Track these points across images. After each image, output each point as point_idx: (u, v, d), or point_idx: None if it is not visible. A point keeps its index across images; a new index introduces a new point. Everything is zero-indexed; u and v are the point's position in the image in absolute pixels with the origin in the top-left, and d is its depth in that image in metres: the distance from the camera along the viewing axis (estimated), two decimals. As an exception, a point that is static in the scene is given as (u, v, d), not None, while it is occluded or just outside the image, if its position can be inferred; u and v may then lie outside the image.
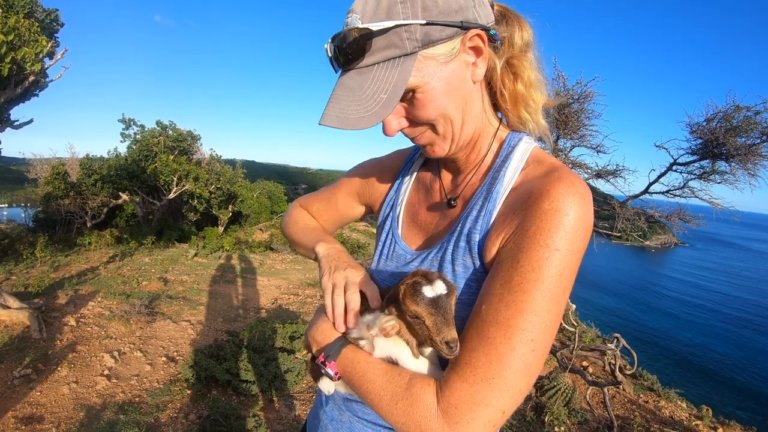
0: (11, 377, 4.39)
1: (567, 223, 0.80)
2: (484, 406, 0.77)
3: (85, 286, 7.51)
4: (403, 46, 0.83)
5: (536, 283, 0.79)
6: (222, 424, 3.87)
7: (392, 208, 1.21)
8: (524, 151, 0.98)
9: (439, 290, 0.81)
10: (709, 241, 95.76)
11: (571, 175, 0.87)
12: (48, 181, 17.17)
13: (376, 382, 0.88)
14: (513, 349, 0.78)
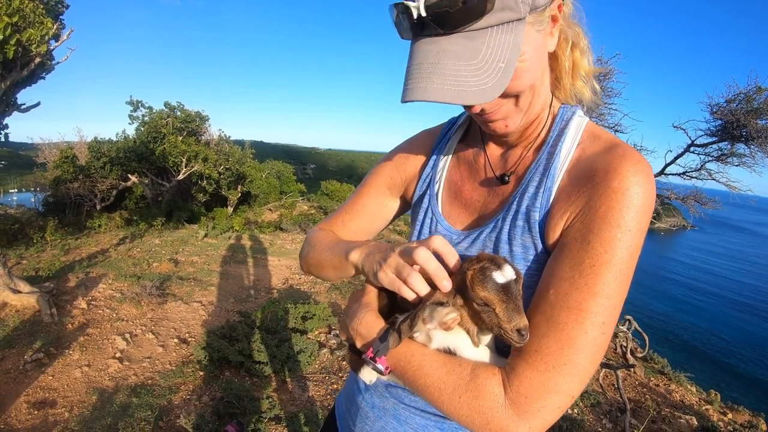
0: (23, 362, 4.36)
1: (637, 202, 0.76)
2: (555, 393, 0.74)
3: (95, 268, 7.48)
4: (518, 9, 0.73)
5: (609, 265, 0.75)
6: (236, 406, 3.83)
7: (429, 185, 1.11)
8: (579, 126, 0.92)
9: (509, 275, 0.75)
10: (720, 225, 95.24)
11: (635, 152, 0.82)
12: (57, 164, 17.19)
13: (435, 375, 0.82)
14: (585, 333, 0.75)
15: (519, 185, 0.93)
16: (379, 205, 1.23)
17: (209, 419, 3.60)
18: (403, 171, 1.19)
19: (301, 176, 44.99)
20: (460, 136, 1.13)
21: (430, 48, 0.76)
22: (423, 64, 0.76)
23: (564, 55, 0.92)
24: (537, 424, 0.74)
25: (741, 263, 58.57)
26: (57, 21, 5.51)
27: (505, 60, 0.74)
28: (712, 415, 6.14)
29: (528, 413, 0.74)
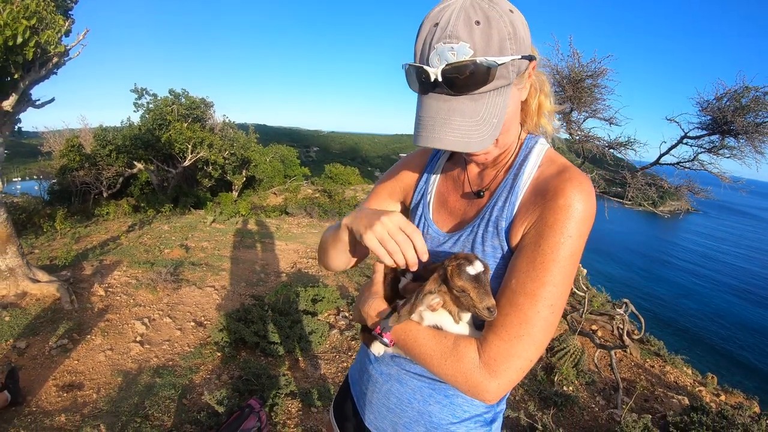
0: (48, 347, 4.56)
1: (576, 215, 1.01)
2: (517, 357, 0.99)
3: (108, 256, 7.66)
4: (509, 77, 0.97)
5: (554, 263, 1.00)
6: (254, 383, 4.04)
7: (422, 196, 1.38)
8: (539, 152, 1.17)
9: (479, 268, 1.01)
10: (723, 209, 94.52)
11: (579, 174, 1.06)
12: (63, 153, 17.26)
13: (427, 344, 1.08)
14: (537, 312, 1.00)
15: (491, 199, 1.18)
16: (383, 208, 1.46)
17: (230, 396, 3.80)
18: (402, 183, 1.46)
19: (304, 159, 44.99)
20: (447, 156, 1.39)
21: (442, 105, 0.98)
22: (436, 118, 0.98)
23: (532, 99, 1.17)
24: (504, 381, 0.99)
25: (742, 248, 58.42)
26: (67, 17, 5.63)
27: (497, 117, 0.99)
28: (704, 396, 6.31)
29: (497, 372, 0.99)
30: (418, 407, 1.26)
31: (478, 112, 0.97)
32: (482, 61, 0.91)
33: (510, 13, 0.95)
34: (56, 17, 5.09)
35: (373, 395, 1.38)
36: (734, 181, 5.21)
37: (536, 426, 3.81)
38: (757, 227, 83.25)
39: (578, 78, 5.12)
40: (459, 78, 0.93)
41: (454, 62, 0.92)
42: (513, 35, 0.94)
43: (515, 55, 0.95)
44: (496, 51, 0.92)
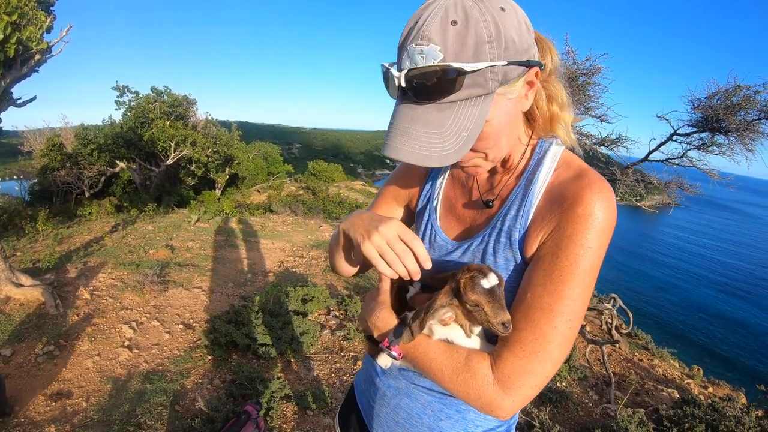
0: (35, 355, 4.46)
1: (597, 225, 0.94)
2: (533, 374, 0.94)
3: (93, 257, 7.54)
4: (487, 86, 0.87)
5: (573, 276, 0.94)
6: (248, 387, 3.99)
7: (429, 200, 1.30)
8: (555, 155, 1.08)
9: (493, 281, 0.95)
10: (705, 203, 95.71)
11: (599, 179, 0.99)
12: (44, 153, 17.07)
13: (438, 359, 1.02)
14: (555, 328, 0.94)
15: (502, 206, 1.10)
16: (390, 212, 1.44)
17: (224, 401, 3.75)
18: (408, 185, 1.39)
19: (287, 156, 44.83)
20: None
21: (407, 113, 0.91)
22: (399, 126, 0.91)
23: (541, 109, 1.08)
24: (518, 398, 0.95)
25: (723, 242, 59.38)
26: (49, 13, 5.51)
27: (468, 130, 0.89)
28: (693, 388, 6.38)
29: (511, 389, 0.94)
30: (428, 423, 1.21)
31: (443, 123, 0.89)
32: (449, 66, 0.83)
33: (500, 11, 0.85)
34: (38, 13, 4.98)
35: (381, 409, 1.33)
36: (722, 178, 5.26)
37: (534, 424, 3.80)
38: (738, 221, 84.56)
39: (573, 76, 5.13)
40: (424, 84, 0.85)
41: (418, 66, 0.85)
42: (494, 37, 0.84)
43: (496, 61, 0.85)
44: (469, 56, 0.83)
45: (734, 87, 4.73)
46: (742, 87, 4.69)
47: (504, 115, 0.95)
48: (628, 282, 35.57)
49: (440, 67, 0.83)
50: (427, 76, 0.84)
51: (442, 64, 0.83)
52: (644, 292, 33.83)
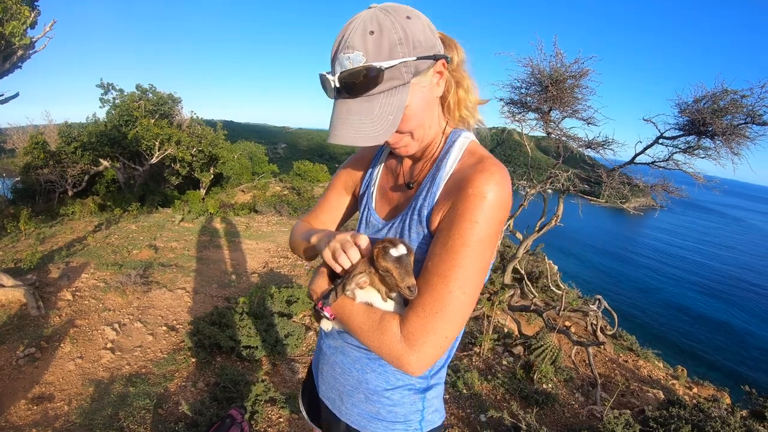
0: (16, 357, 4.38)
1: (485, 204, 1.11)
2: (433, 333, 1.11)
3: (75, 257, 7.45)
4: (402, 78, 1.10)
5: (463, 247, 1.11)
6: (232, 390, 3.95)
7: (368, 187, 1.54)
8: (462, 145, 1.30)
9: (401, 251, 1.13)
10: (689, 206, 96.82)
11: (493, 165, 1.17)
12: (27, 150, 16.85)
13: (358, 319, 1.22)
14: (450, 292, 1.11)
15: (419, 189, 1.31)
16: (341, 201, 1.67)
17: (209, 404, 3.70)
18: (353, 176, 1.63)
19: (272, 156, 44.70)
20: (388, 152, 1.54)
21: (343, 107, 1.13)
22: (339, 118, 1.13)
23: (449, 94, 1.29)
24: (422, 356, 1.11)
25: (705, 245, 60.10)
26: (33, 8, 5.44)
27: (393, 114, 1.11)
28: (678, 389, 6.45)
29: (415, 346, 1.11)
30: (357, 376, 1.42)
31: (372, 110, 1.10)
32: (371, 66, 1.05)
33: (406, 20, 1.08)
34: (22, 8, 4.91)
35: (323, 367, 1.55)
36: (708, 181, 5.29)
37: (520, 426, 3.80)
38: (720, 223, 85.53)
39: (560, 78, 5.14)
40: (354, 83, 1.07)
41: (346, 69, 1.07)
42: (404, 40, 1.07)
43: (407, 58, 1.08)
44: (386, 56, 1.06)
45: (721, 91, 4.76)
46: (729, 91, 4.72)
47: (421, 100, 1.17)
48: (609, 284, 35.92)
49: (364, 67, 1.05)
50: (355, 76, 1.07)
51: (365, 65, 1.05)
52: (625, 293, 34.19)
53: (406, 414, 1.40)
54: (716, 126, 4.70)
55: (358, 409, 1.43)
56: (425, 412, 1.42)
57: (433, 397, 1.45)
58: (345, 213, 1.70)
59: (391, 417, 1.40)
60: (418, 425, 1.41)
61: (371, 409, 1.41)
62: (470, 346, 5.90)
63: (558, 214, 6.16)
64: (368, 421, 1.42)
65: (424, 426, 1.42)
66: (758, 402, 5.34)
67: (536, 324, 7.33)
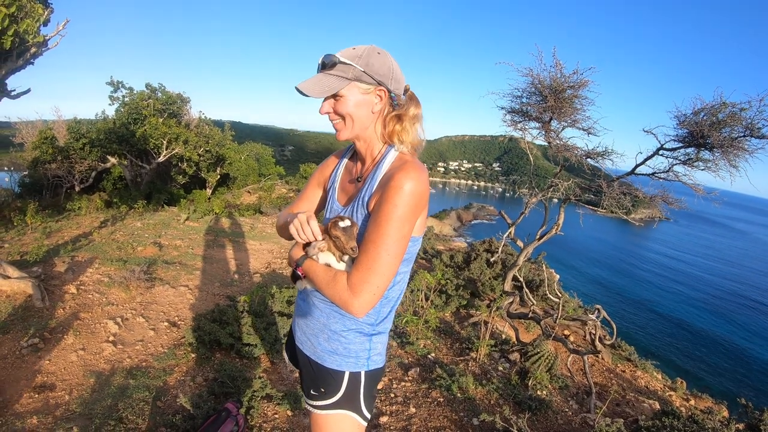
0: (19, 347, 4.46)
1: (401, 193, 1.54)
2: (368, 283, 1.56)
3: (80, 252, 7.54)
4: (346, 74, 1.63)
5: (387, 221, 1.55)
6: (230, 386, 4.01)
7: (332, 183, 2.00)
8: (393, 155, 1.75)
9: (347, 224, 1.63)
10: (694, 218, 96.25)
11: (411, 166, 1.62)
12: (36, 145, 16.97)
13: (320, 275, 1.69)
14: (378, 253, 1.56)
15: (363, 183, 1.77)
16: (315, 194, 2.12)
17: (206, 398, 3.77)
18: (323, 175, 2.09)
19: (279, 158, 44.71)
20: (350, 155, 2.02)
21: (316, 75, 1.67)
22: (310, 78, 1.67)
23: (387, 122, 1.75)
24: (362, 300, 1.56)
25: (710, 260, 59.57)
26: (47, 6, 5.52)
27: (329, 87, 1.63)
28: (674, 400, 6.44)
29: (356, 293, 1.56)
30: (323, 321, 1.83)
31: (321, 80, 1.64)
32: (335, 56, 1.63)
33: (375, 53, 1.64)
34: (36, 6, 4.99)
35: (298, 318, 1.99)
36: (708, 193, 5.31)
37: (511, 430, 3.84)
38: (727, 236, 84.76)
39: (559, 88, 5.20)
40: (324, 63, 1.65)
41: (326, 55, 1.65)
42: (363, 58, 1.62)
43: (357, 66, 1.61)
44: (347, 58, 1.62)
45: (720, 104, 4.79)
46: (727, 104, 4.75)
47: (355, 97, 1.67)
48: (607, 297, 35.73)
49: (332, 56, 1.63)
50: (326, 59, 1.64)
51: (333, 55, 1.64)
52: (625, 308, 34.01)
53: (356, 351, 1.80)
54: (714, 138, 4.74)
55: (321, 347, 1.83)
56: (371, 352, 1.83)
57: (378, 342, 1.85)
58: (319, 203, 2.13)
59: (345, 353, 1.80)
60: (365, 362, 1.82)
61: (332, 346, 1.81)
62: (467, 351, 5.95)
63: (558, 223, 6.19)
64: (329, 355, 1.81)
65: (370, 364, 1.83)
66: (753, 415, 5.35)
67: (535, 332, 7.37)
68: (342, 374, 1.80)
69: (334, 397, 1.82)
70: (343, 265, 1.69)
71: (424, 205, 1.65)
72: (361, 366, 1.81)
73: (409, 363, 5.35)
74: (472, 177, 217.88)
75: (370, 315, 1.78)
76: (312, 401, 1.87)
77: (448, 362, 5.58)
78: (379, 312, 1.81)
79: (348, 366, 1.80)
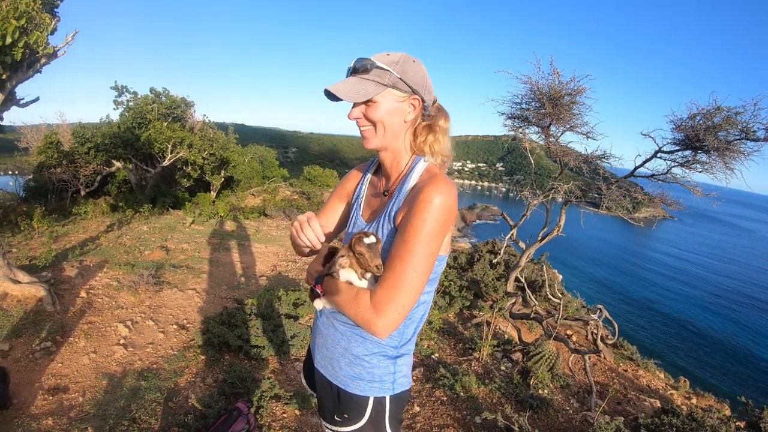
0: (32, 350, 4.57)
1: (431, 208, 1.48)
2: (394, 303, 1.48)
3: (89, 256, 7.64)
4: (383, 79, 1.58)
5: (415, 237, 1.48)
6: (239, 387, 4.11)
7: (357, 197, 1.95)
8: (421, 167, 1.69)
9: (372, 240, 1.53)
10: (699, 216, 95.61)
11: (440, 180, 1.55)
12: (41, 150, 17.07)
13: (341, 293, 1.59)
14: (405, 271, 1.48)
15: (390, 198, 1.71)
16: (336, 208, 2.06)
17: (217, 398, 3.87)
18: (347, 189, 2.04)
19: (283, 160, 44.82)
20: (374, 170, 1.98)
21: (348, 78, 1.63)
22: (341, 81, 1.62)
23: (419, 132, 1.71)
24: (386, 320, 1.48)
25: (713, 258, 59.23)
26: (54, 15, 5.62)
27: (365, 92, 1.57)
28: (676, 399, 6.50)
29: (381, 312, 1.48)
30: (344, 345, 1.75)
31: (356, 84, 1.58)
32: (371, 60, 1.58)
33: (410, 61, 1.60)
34: (43, 16, 5.08)
35: (318, 339, 1.90)
36: (706, 193, 5.40)
37: (513, 428, 3.93)
38: (732, 235, 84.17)
39: (557, 96, 5.31)
40: (357, 67, 1.61)
41: (359, 59, 1.61)
42: (400, 65, 1.58)
43: (394, 72, 1.56)
44: (384, 63, 1.57)
45: (715, 108, 4.90)
46: (722, 108, 4.85)
47: (389, 104, 1.61)
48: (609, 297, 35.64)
49: (366, 60, 1.59)
50: (359, 63, 1.60)
51: (368, 59, 1.59)
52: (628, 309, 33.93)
53: (381, 375, 1.72)
54: (710, 142, 4.84)
55: (344, 372, 1.76)
56: (396, 375, 1.75)
57: (403, 365, 1.78)
58: (341, 218, 2.07)
59: (369, 377, 1.72)
60: (390, 386, 1.74)
61: (354, 371, 1.74)
62: (470, 351, 6.03)
63: (560, 224, 6.29)
64: (352, 380, 1.74)
65: (395, 387, 1.75)
66: (754, 413, 5.42)
67: (537, 332, 7.44)
68: (366, 399, 1.73)
69: (358, 424, 1.75)
70: (365, 282, 1.59)
71: (452, 222, 1.58)
72: (386, 390, 1.73)
73: (413, 363, 5.44)
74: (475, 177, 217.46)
75: (394, 337, 1.70)
76: (334, 426, 1.82)
77: (451, 362, 5.67)
78: (402, 333, 1.72)
79: (372, 391, 1.72)
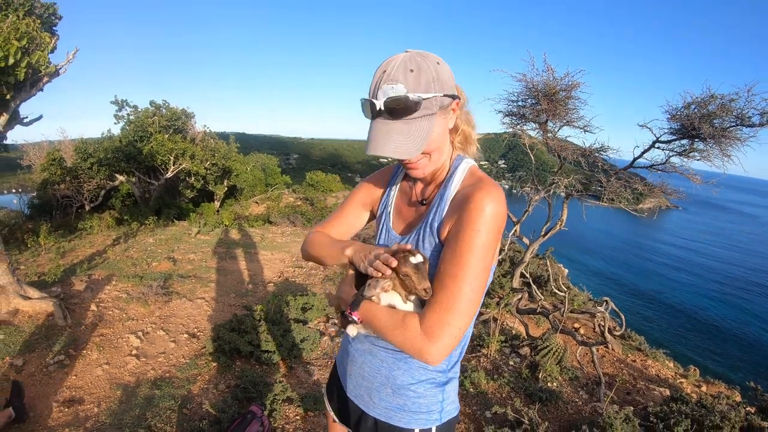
0: (46, 364, 4.64)
1: (483, 217, 1.31)
2: (448, 326, 1.29)
3: (97, 270, 7.71)
4: (432, 109, 1.34)
5: (469, 251, 1.31)
6: (251, 391, 4.17)
7: (385, 207, 1.75)
8: (463, 170, 1.53)
9: (419, 260, 1.33)
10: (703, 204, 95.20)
11: (489, 185, 1.40)
12: (44, 167, 17.18)
13: (383, 319, 1.39)
14: (460, 289, 1.30)
15: (429, 208, 1.53)
16: (357, 216, 1.87)
17: (230, 403, 3.93)
18: (371, 196, 1.84)
19: (284, 167, 44.94)
20: (403, 175, 1.77)
21: (383, 127, 1.34)
22: (380, 134, 1.35)
23: (461, 129, 1.56)
24: (441, 346, 1.28)
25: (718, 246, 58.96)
26: (53, 34, 5.70)
27: (423, 136, 1.34)
28: (685, 387, 6.52)
29: (434, 338, 1.28)
30: (385, 373, 1.60)
31: (409, 131, 1.33)
32: (412, 96, 1.28)
33: (436, 65, 1.33)
34: (42, 34, 5.15)
35: (351, 368, 1.72)
36: (706, 180, 5.43)
37: (522, 420, 3.98)
38: (737, 222, 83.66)
39: (552, 91, 5.36)
40: (395, 108, 1.29)
41: (391, 97, 1.28)
42: (437, 79, 1.31)
43: (437, 93, 1.32)
44: (423, 90, 1.29)
45: (709, 96, 4.93)
46: (716, 96, 4.89)
47: (442, 128, 1.41)
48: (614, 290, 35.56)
49: (406, 96, 1.28)
50: (398, 102, 1.29)
51: (409, 95, 1.28)
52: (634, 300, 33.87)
53: (428, 405, 1.58)
54: (705, 130, 4.87)
55: (385, 403, 1.60)
56: (444, 403, 1.61)
57: (451, 390, 1.63)
58: (359, 226, 1.91)
59: (415, 408, 1.57)
60: (438, 415, 1.59)
61: (398, 401, 1.58)
62: (478, 348, 6.08)
63: (562, 218, 6.32)
64: (395, 412, 1.59)
65: (443, 416, 1.61)
66: (763, 398, 5.45)
67: (544, 326, 7.49)
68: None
69: None
70: (410, 305, 1.42)
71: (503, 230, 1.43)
72: (433, 421, 1.59)
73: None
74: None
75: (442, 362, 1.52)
76: None
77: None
78: (450, 356, 1.59)
79: (418, 423, 1.58)
